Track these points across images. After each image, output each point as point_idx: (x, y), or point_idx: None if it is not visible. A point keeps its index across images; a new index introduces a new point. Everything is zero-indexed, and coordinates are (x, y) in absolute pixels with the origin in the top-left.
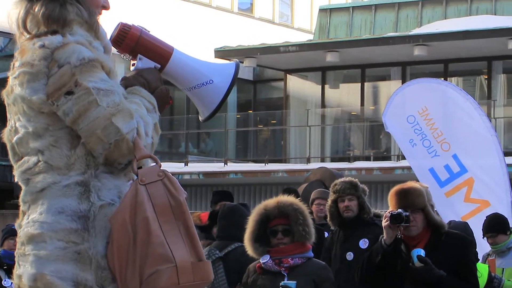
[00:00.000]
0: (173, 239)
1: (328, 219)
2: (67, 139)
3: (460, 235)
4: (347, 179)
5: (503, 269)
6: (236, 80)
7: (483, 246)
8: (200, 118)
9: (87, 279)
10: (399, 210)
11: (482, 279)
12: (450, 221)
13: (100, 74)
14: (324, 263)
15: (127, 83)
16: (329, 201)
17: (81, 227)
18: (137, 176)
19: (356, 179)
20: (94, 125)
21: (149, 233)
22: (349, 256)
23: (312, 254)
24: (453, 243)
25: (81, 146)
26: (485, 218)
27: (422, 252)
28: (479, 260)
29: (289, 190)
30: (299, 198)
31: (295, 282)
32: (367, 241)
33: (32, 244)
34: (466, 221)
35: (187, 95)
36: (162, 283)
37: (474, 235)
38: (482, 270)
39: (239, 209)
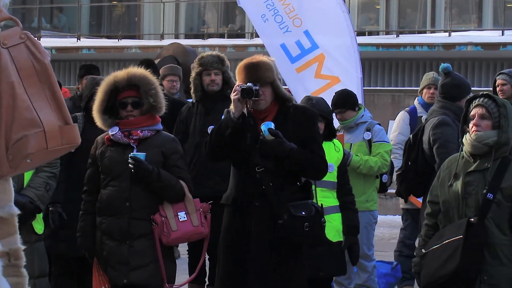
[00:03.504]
0: (40, 103)
1: (191, 91)
2: None
3: (306, 108)
4: (214, 52)
5: (351, 144)
6: None
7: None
8: None
9: None
10: (249, 84)
11: (340, 153)
12: (309, 97)
13: None
14: (173, 136)
15: None
16: (194, 73)
17: None
18: None
19: (223, 54)
20: None
21: (14, 98)
22: (210, 129)
23: (161, 127)
24: (300, 116)
25: None
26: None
27: (272, 125)
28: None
29: (147, 62)
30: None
31: (144, 154)
32: None
33: None
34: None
35: None
36: (30, 148)
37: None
38: (339, 144)
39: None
